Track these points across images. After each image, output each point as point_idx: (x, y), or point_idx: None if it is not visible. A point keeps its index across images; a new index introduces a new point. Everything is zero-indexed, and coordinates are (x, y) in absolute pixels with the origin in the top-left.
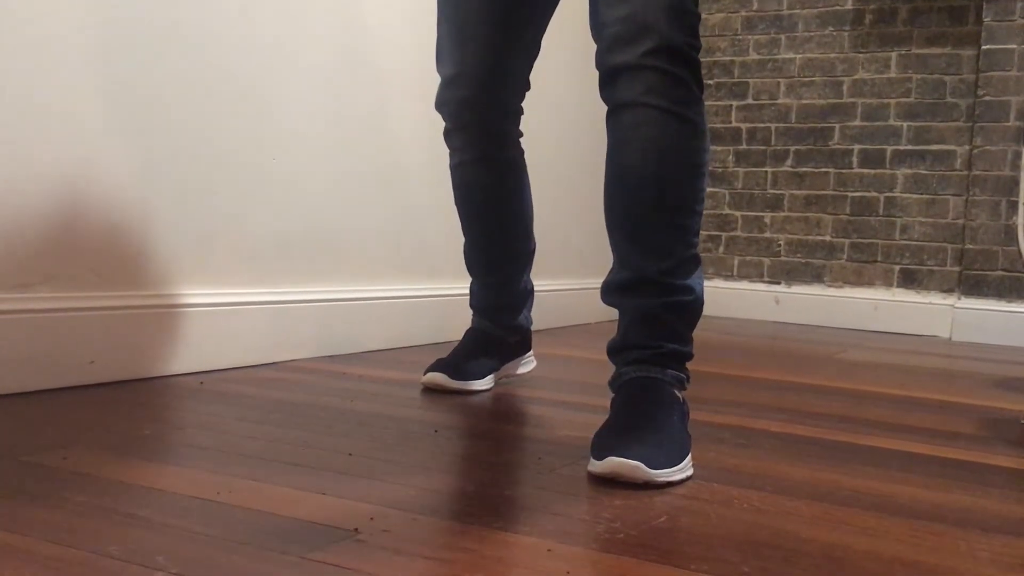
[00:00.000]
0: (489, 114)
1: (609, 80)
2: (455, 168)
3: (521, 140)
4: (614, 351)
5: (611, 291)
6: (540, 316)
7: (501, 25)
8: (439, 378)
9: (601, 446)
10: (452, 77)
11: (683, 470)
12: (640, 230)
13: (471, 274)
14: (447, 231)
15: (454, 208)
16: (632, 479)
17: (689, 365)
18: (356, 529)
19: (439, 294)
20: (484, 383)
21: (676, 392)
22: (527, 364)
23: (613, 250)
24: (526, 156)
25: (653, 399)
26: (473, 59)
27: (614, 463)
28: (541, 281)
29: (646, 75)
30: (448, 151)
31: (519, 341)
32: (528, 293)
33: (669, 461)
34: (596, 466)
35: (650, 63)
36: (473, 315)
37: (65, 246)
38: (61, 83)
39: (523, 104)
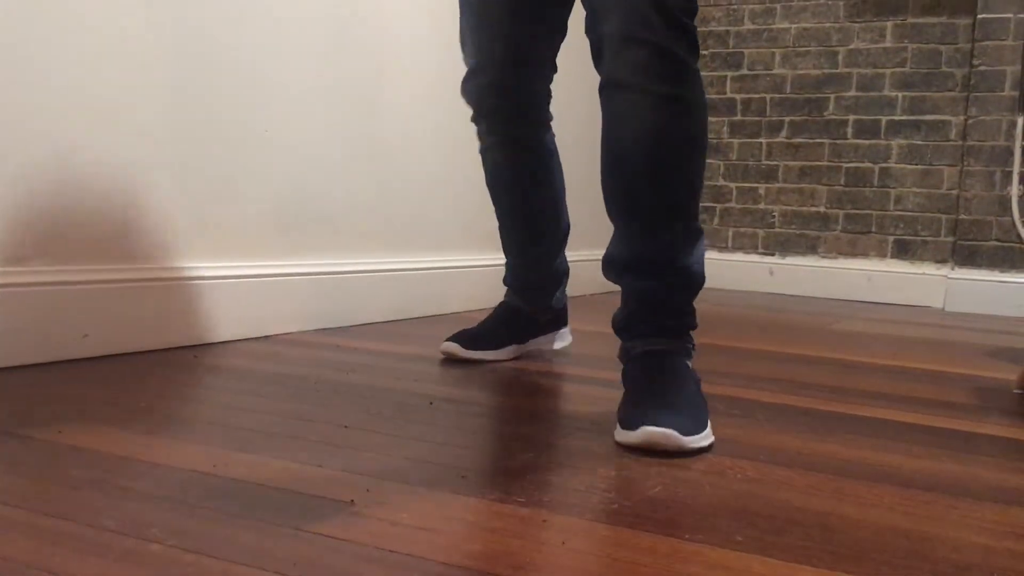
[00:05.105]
0: (512, 99)
1: (598, 52)
2: (483, 152)
3: (551, 123)
4: (620, 327)
5: (611, 268)
6: None
7: (522, 12)
8: (452, 347)
9: (631, 417)
10: (474, 65)
11: (708, 436)
12: (638, 211)
13: (504, 253)
14: (443, 203)
15: (451, 179)
16: (666, 447)
17: None
18: (352, 501)
19: (435, 266)
20: (497, 354)
21: (687, 361)
22: (562, 339)
23: (612, 223)
24: None
25: (668, 369)
26: (494, 46)
27: (648, 432)
28: None
29: (636, 51)
30: (476, 136)
31: (550, 320)
32: (562, 274)
33: (697, 427)
34: (629, 436)
35: (639, 35)
36: (507, 290)
37: (59, 220)
38: (54, 59)
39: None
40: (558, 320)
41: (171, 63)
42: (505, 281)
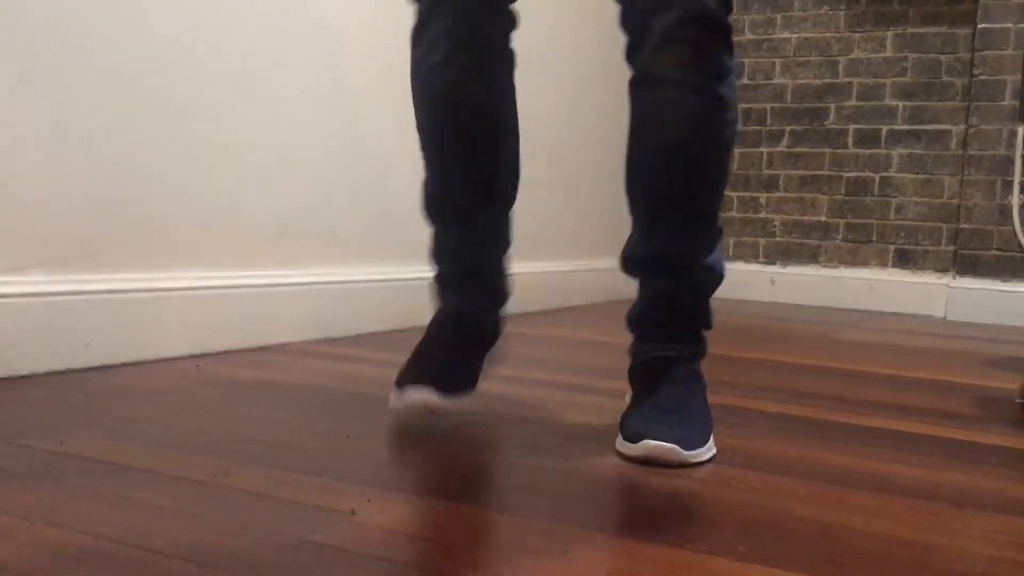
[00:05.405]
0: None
1: (637, 46)
2: (431, 70)
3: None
4: (634, 323)
5: (630, 264)
6: (538, 297)
7: None
8: (430, 397)
9: (633, 429)
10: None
11: (710, 449)
12: (663, 209)
13: (437, 224)
14: None
15: None
16: (667, 462)
17: None
18: (353, 511)
19: None
20: (469, 397)
21: (697, 368)
22: (496, 351)
23: (633, 219)
24: (521, 130)
25: (675, 379)
26: None
27: (649, 446)
28: (538, 263)
29: (679, 48)
30: (415, 52)
31: (493, 326)
32: (507, 246)
33: (699, 441)
34: (631, 449)
35: (684, 34)
36: (440, 293)
37: (59, 229)
38: (52, 65)
39: (520, 70)
40: (498, 327)
41: (172, 73)
42: (439, 278)
